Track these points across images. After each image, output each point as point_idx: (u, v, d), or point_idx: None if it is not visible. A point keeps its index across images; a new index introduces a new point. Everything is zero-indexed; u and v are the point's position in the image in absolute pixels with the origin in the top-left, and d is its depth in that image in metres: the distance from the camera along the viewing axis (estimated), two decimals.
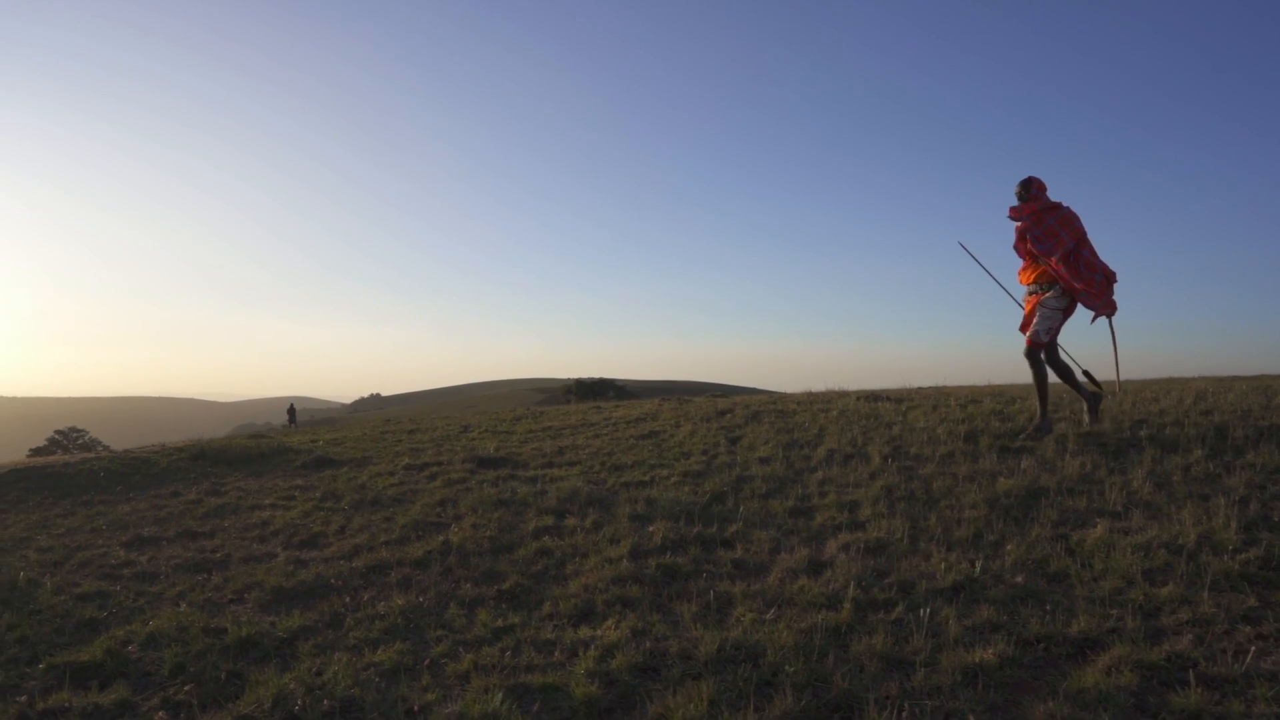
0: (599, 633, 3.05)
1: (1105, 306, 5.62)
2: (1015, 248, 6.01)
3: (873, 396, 9.72)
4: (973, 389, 11.23)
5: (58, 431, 57.56)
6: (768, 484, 5.24)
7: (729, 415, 8.98)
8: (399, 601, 3.51)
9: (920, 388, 12.30)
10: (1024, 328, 5.94)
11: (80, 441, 57.41)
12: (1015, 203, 5.90)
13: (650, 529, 4.36)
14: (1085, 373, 6.19)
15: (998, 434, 6.12)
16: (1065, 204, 5.74)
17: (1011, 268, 6.22)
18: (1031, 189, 5.76)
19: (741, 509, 4.66)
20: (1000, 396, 8.74)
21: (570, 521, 4.69)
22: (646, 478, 5.87)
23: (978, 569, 3.38)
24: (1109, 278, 5.67)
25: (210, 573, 4.33)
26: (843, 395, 10.58)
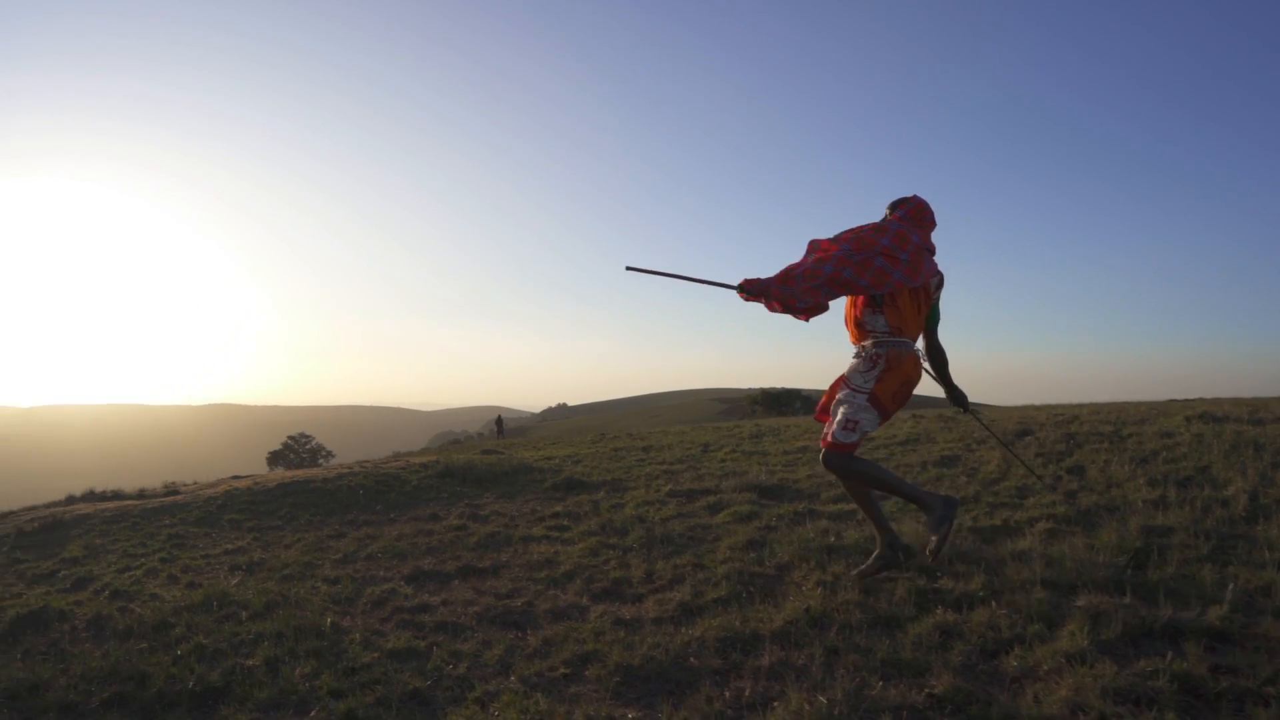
0: None
1: (767, 289, 3.59)
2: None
3: (1210, 416, 7.89)
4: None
5: (290, 437, 64.00)
6: (1202, 540, 3.90)
7: (1029, 438, 7.54)
8: (803, 704, 2.61)
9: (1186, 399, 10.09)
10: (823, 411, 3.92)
11: (308, 446, 63.44)
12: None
13: (1080, 603, 3.21)
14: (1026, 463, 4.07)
15: None
16: (909, 235, 3.60)
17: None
18: (899, 210, 3.78)
19: (1208, 579, 3.37)
20: None
21: (948, 584, 3.63)
22: (998, 521, 4.69)
23: None
24: (789, 275, 3.57)
25: (523, 630, 3.67)
26: (1155, 413, 8.74)
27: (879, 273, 3.49)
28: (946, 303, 3.92)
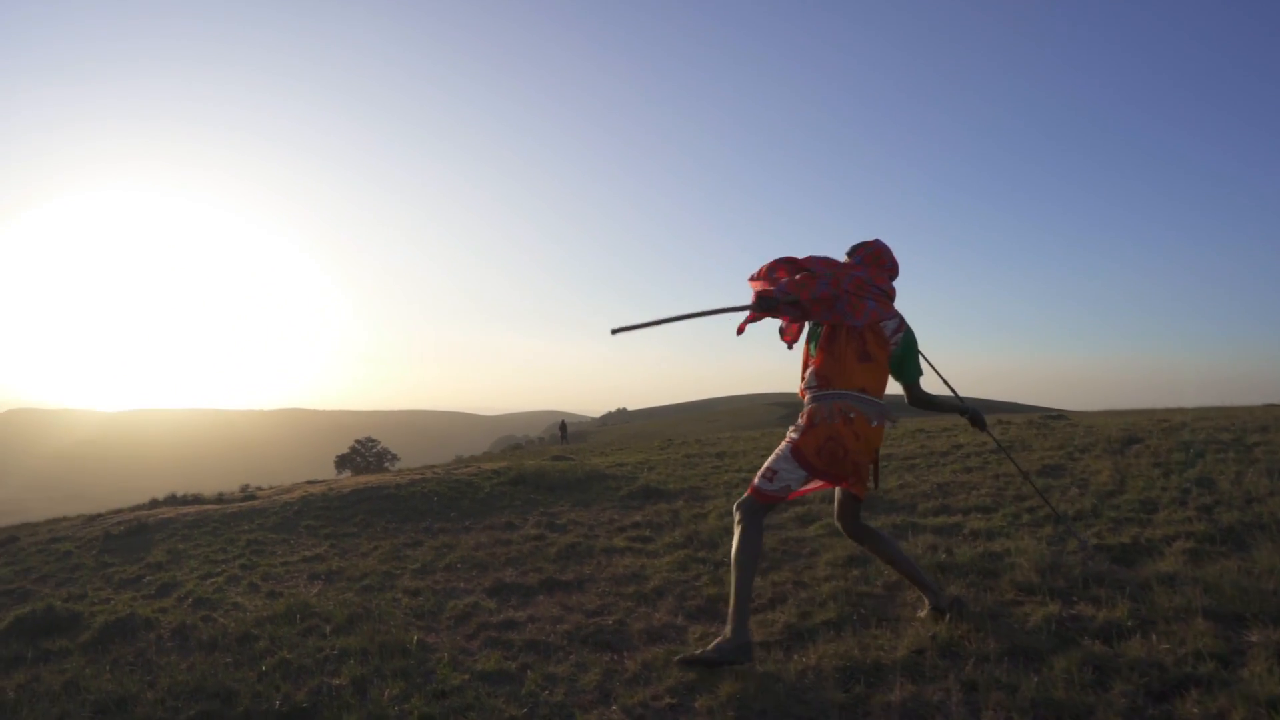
0: None
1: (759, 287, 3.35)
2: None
3: None
4: None
5: (357, 441, 65.38)
6: None
7: (1138, 446, 7.01)
8: None
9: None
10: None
11: (374, 450, 64.77)
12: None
13: (1254, 638, 2.82)
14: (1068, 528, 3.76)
15: None
16: (854, 270, 3.36)
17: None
18: (856, 255, 3.48)
19: None
20: None
21: (1087, 610, 3.26)
22: (1126, 539, 4.27)
23: None
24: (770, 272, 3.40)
25: (618, 653, 3.44)
26: (1277, 419, 8.06)
27: (824, 301, 3.27)
28: (987, 305, 3.58)
